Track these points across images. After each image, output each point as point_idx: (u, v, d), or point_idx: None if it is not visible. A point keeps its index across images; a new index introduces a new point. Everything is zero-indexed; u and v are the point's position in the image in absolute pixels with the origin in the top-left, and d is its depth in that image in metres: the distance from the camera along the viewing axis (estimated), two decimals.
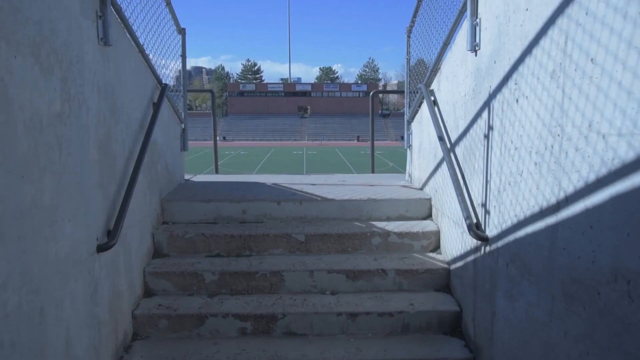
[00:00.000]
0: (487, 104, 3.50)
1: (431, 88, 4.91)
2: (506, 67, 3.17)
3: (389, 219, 5.08)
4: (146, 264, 4.43)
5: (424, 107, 5.25)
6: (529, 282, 2.83)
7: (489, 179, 3.45)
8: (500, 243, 3.26)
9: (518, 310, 2.98)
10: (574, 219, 2.35)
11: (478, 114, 3.67)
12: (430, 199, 5.07)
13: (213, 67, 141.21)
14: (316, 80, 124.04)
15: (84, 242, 3.09)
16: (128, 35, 4.31)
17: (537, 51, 2.74)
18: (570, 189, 2.39)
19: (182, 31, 6.10)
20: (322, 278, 4.35)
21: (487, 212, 3.51)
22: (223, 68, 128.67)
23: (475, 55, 3.73)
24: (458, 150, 4.11)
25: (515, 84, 3.03)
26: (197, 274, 4.32)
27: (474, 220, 3.63)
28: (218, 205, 5.02)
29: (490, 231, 3.43)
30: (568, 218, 2.40)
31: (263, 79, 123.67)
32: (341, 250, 4.71)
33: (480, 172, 3.62)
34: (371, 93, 7.08)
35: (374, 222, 4.97)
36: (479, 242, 3.55)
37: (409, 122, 5.95)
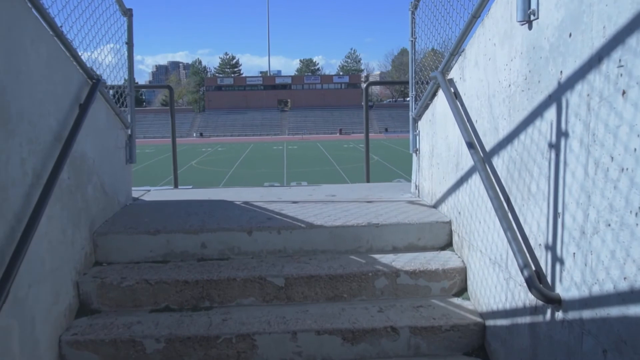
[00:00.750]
0: (554, 99, 2.31)
1: (450, 77, 3.70)
2: (596, 41, 1.98)
3: (395, 250, 3.87)
4: (64, 328, 3.17)
5: (439, 101, 4.05)
6: None
7: (561, 210, 2.26)
8: (587, 313, 2.08)
9: None
10: None
11: (536, 113, 2.48)
12: (449, 223, 3.88)
13: (190, 62, 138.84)
14: (296, 73, 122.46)
15: None
16: (35, 13, 3.06)
17: None
18: None
19: (127, 12, 4.83)
20: (308, 342, 3.13)
21: (558, 259, 2.32)
22: (200, 62, 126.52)
23: (529, 28, 2.54)
24: (498, 162, 2.91)
25: (620, 66, 1.84)
26: (134, 341, 3.08)
27: (533, 269, 2.44)
28: (170, 239, 3.77)
29: (566, 290, 2.24)
30: None
31: (242, 72, 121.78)
32: (334, 298, 3.49)
33: (542, 197, 2.43)
34: (365, 85, 5.83)
35: (377, 256, 3.76)
36: (544, 302, 2.37)
37: (415, 120, 4.75)
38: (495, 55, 2.93)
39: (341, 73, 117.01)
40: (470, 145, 3.06)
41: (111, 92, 4.43)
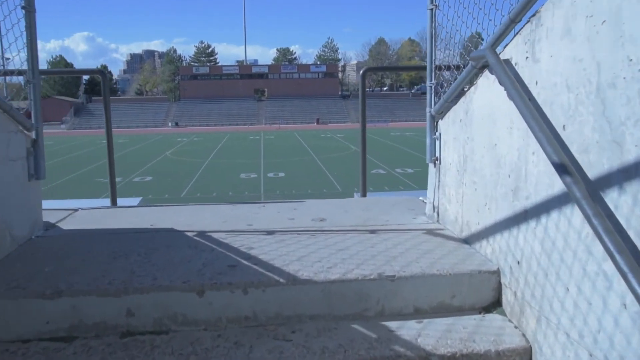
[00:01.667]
0: None
1: (507, 57, 2.44)
2: None
3: (419, 312, 2.61)
4: None
5: (479, 93, 2.79)
6: None
7: None
8: None
9: None
10: None
11: None
12: (497, 272, 2.63)
13: (165, 50, 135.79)
14: (273, 62, 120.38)
15: None
16: None
17: None
18: None
19: None
20: None
21: None
22: (175, 51, 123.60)
23: None
24: (622, 200, 1.68)
25: None
26: None
27: None
28: (77, 304, 2.45)
29: None
30: None
31: (218, 61, 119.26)
32: None
33: None
34: (362, 71, 4.48)
35: (393, 325, 2.50)
36: None
37: (434, 119, 3.49)
38: (621, 11, 1.68)
39: (318, 62, 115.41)
40: (561, 169, 1.82)
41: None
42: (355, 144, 54.39)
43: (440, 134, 3.40)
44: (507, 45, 2.43)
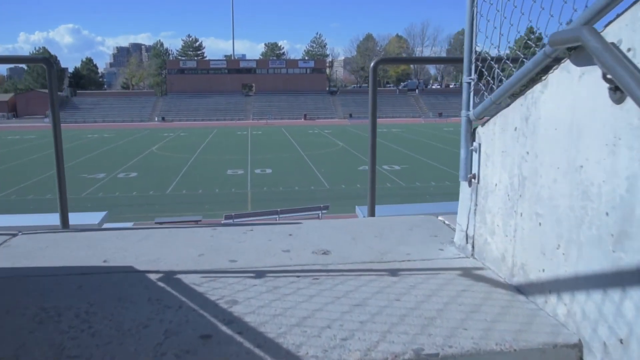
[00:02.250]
0: None
1: (613, 39, 1.68)
2: None
3: None
4: None
5: (551, 92, 2.01)
6: None
7: None
8: None
9: None
10: None
11: None
12: (579, 347, 1.87)
13: (152, 44, 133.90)
14: (261, 57, 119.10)
15: None
16: None
17: None
18: None
19: None
20: None
21: None
22: (162, 44, 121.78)
23: None
24: None
25: None
26: None
27: None
28: None
29: None
30: None
31: (205, 55, 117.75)
32: None
33: None
34: (372, 63, 3.67)
35: None
36: None
37: (470, 123, 2.71)
38: None
39: (306, 58, 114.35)
40: None
41: None
42: (342, 140, 53.64)
43: (479, 145, 2.63)
44: (610, 23, 1.66)
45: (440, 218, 3.63)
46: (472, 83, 2.58)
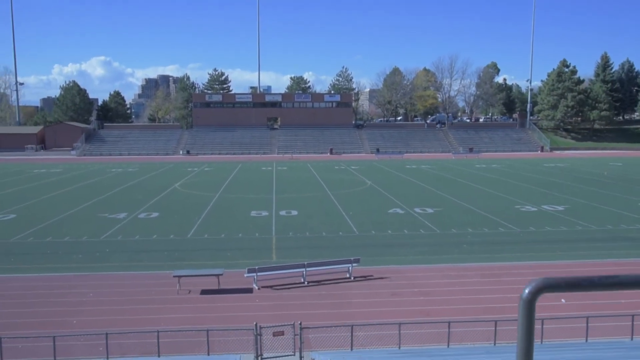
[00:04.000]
0: None
1: None
2: None
3: None
4: None
5: None
6: None
7: None
8: None
9: None
10: None
11: None
12: None
13: (181, 76, 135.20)
14: (287, 90, 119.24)
15: None
16: None
17: None
18: None
19: None
20: None
21: None
22: (188, 78, 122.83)
23: None
24: None
25: None
26: None
27: None
28: None
29: None
30: None
31: (231, 89, 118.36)
32: None
33: None
34: (527, 294, 1.61)
35: None
36: None
37: None
38: None
39: (332, 92, 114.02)
40: None
41: None
42: (370, 177, 52.18)
43: None
44: None
45: None
46: None
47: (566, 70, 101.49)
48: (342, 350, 13.09)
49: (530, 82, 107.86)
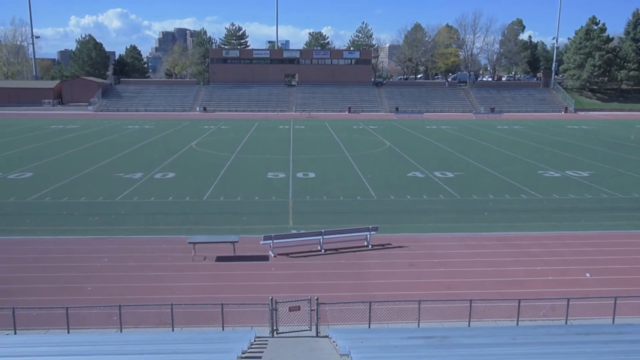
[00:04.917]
0: None
1: None
2: None
3: None
4: None
5: None
6: None
7: None
8: None
9: None
10: None
11: None
12: None
13: (198, 29, 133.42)
14: (305, 46, 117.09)
15: None
16: None
17: None
18: None
19: None
20: None
21: None
22: (205, 32, 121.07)
23: None
24: None
25: None
26: None
27: None
28: None
29: None
30: None
31: (248, 44, 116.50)
32: None
33: None
34: None
35: None
36: None
37: None
38: None
39: (351, 48, 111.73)
40: None
41: None
42: (389, 138, 51.24)
43: None
44: None
45: None
46: None
47: (595, 27, 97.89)
48: (359, 327, 12.75)
49: (557, 40, 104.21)
